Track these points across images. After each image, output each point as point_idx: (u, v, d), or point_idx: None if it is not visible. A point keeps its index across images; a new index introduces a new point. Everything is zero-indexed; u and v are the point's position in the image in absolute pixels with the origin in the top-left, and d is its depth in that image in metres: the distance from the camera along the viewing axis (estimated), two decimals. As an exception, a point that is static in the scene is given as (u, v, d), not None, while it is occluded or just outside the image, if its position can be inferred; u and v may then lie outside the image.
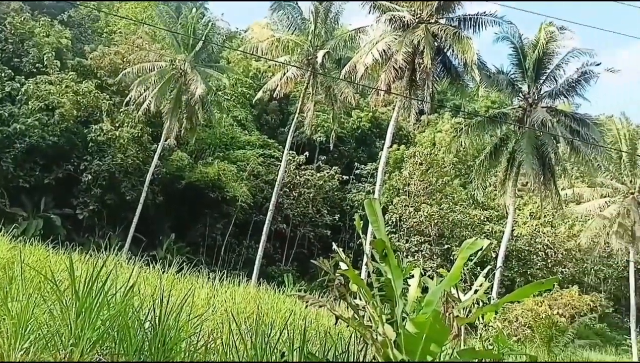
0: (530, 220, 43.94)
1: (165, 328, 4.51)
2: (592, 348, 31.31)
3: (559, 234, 42.43)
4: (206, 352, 4.71)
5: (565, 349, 24.58)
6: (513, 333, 23.35)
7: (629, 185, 34.35)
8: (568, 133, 28.69)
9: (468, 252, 4.46)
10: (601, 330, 38.04)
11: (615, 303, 42.16)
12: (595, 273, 43.26)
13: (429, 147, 47.61)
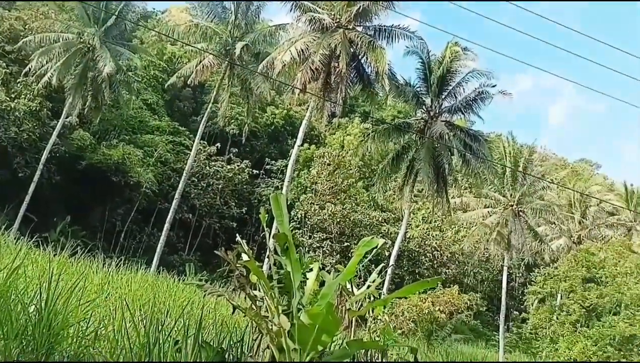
0: (422, 224, 46.25)
1: (52, 312, 4.21)
2: (466, 343, 33.53)
3: (446, 238, 45.03)
4: (96, 338, 4.46)
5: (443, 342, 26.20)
6: (399, 327, 24.42)
7: (509, 198, 37.03)
8: (462, 147, 30.42)
9: (364, 250, 4.59)
10: (475, 326, 40.79)
11: (488, 302, 45.55)
12: (474, 275, 46.44)
13: (338, 149, 48.53)
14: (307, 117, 30.18)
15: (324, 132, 55.39)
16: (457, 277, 43.78)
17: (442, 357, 13.21)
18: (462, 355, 24.71)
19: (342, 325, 4.80)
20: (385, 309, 9.44)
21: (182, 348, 4.23)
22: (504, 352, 33.58)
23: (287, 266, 4.46)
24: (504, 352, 33.67)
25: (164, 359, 4.13)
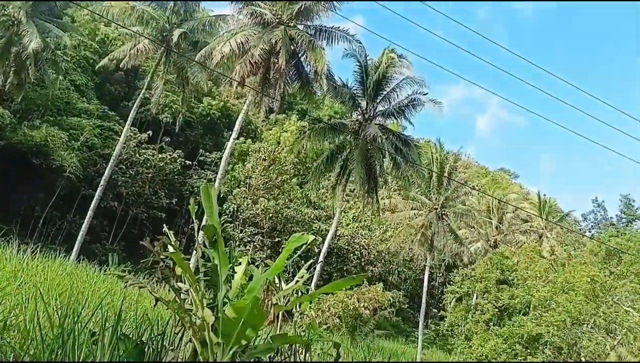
0: (352, 223, 47.01)
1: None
2: (387, 338, 34.43)
3: (374, 237, 46.04)
4: (4, 328, 4.13)
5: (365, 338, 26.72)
6: (324, 322, 24.63)
7: (434, 201, 38.37)
8: (393, 150, 31.18)
9: (294, 245, 4.54)
10: (397, 322, 42.01)
11: (410, 300, 47.04)
12: (398, 273, 47.82)
13: (274, 145, 48.31)
14: (244, 110, 29.75)
15: (261, 127, 54.98)
16: (382, 275, 44.90)
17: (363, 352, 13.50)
18: (383, 350, 25.31)
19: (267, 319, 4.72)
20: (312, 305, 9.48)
21: (99, 340, 4.01)
22: (422, 348, 34.78)
23: (214, 259, 4.33)
24: (422, 347, 34.87)
25: (79, 351, 3.89)
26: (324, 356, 7.23)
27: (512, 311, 29.81)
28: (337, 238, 42.25)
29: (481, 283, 32.94)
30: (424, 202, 39.09)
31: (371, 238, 45.64)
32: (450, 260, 45.22)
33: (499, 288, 31.46)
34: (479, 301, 33.14)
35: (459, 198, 39.94)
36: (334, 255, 42.80)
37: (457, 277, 37.94)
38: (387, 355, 16.48)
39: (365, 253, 44.55)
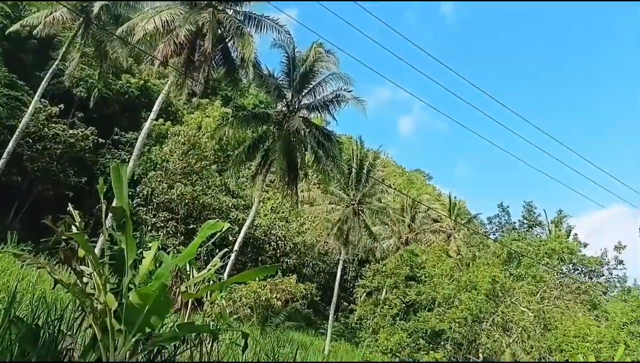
0: (270, 214, 46.95)
1: None
2: (298, 330, 34.80)
3: (291, 229, 46.30)
4: None
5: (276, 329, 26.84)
6: (235, 312, 24.47)
7: (352, 197, 39.20)
8: (315, 144, 31.46)
9: (207, 232, 4.47)
10: (308, 314, 42.57)
11: (322, 293, 47.81)
12: (312, 266, 48.42)
13: (195, 129, 47.03)
14: (165, 91, 28.67)
15: (182, 110, 53.32)
16: (297, 267, 45.28)
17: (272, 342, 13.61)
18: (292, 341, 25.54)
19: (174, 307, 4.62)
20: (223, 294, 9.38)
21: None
22: (331, 340, 35.54)
23: (121, 242, 4.17)
24: (331, 340, 35.63)
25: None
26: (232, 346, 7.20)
27: (418, 307, 31.15)
28: (254, 228, 42.03)
29: (391, 279, 34.18)
30: (342, 197, 39.81)
31: (288, 230, 45.85)
32: (364, 255, 46.48)
33: (407, 284, 32.79)
34: (388, 296, 34.38)
35: (376, 195, 41.12)
36: (250, 245, 42.55)
37: (368, 271, 39.12)
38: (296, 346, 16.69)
39: (282, 245, 44.71)
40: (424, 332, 28.11)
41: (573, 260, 37.48)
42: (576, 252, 37.68)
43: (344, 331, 42.13)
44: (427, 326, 28.01)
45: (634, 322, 27.27)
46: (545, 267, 33.90)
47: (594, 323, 29.47)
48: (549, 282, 32.05)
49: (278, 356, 5.40)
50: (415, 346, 27.61)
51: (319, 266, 48.87)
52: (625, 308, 29.13)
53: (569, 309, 32.28)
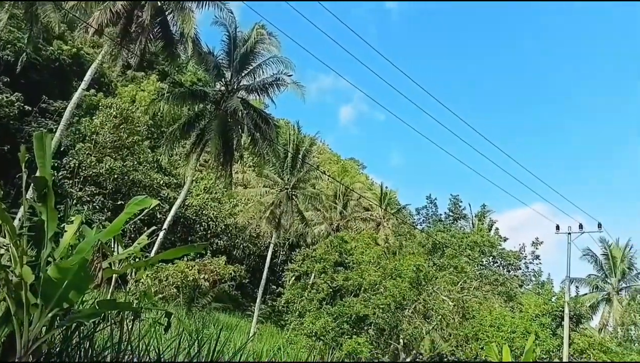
0: (202, 194, 46.11)
1: None
2: (225, 311, 34.66)
3: (223, 211, 45.73)
4: None
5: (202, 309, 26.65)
6: (161, 291, 24.03)
7: (286, 181, 39.24)
8: (253, 126, 31.18)
9: (135, 208, 4.39)
10: (236, 296, 42.42)
11: (252, 276, 47.72)
12: (243, 248, 48.08)
13: (128, 103, 45.10)
14: (99, 61, 27.32)
15: (116, 81, 50.99)
16: (227, 249, 44.86)
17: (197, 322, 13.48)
18: (218, 321, 25.48)
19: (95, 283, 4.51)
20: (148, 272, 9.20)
21: None
22: (257, 322, 35.68)
23: (42, 214, 4.01)
24: (257, 322, 35.77)
25: None
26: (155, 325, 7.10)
27: (345, 292, 31.72)
28: (185, 207, 41.20)
29: (320, 264, 34.54)
30: (276, 181, 39.77)
31: (220, 211, 45.28)
32: (295, 240, 46.76)
33: (335, 269, 33.26)
34: (316, 280, 34.78)
35: (310, 181, 41.44)
36: (180, 224, 41.68)
37: (298, 256, 39.31)
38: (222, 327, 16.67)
39: (213, 226, 44.11)
40: (348, 316, 28.75)
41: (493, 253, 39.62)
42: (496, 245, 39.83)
43: (270, 314, 42.34)
44: (352, 311, 28.67)
45: (545, 314, 29.32)
46: (467, 259, 35.63)
47: (508, 314, 31.38)
48: (469, 273, 33.68)
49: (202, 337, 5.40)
50: (340, 330, 28.21)
51: (250, 249, 48.62)
52: (538, 301, 31.18)
53: (486, 300, 34.13)
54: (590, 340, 28.04)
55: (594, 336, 30.41)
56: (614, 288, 42.26)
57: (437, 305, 29.45)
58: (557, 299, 29.99)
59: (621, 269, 42.41)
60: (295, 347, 21.18)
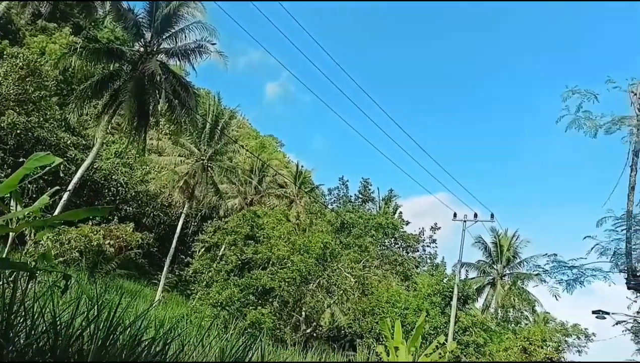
0: (113, 158, 43.85)
1: None
2: (130, 278, 33.54)
3: (134, 177, 43.84)
4: None
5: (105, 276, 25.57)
6: (62, 254, 22.73)
7: (202, 152, 38.35)
8: (171, 92, 29.96)
9: (35, 164, 4.11)
10: (142, 264, 41.14)
11: (160, 245, 46.37)
12: (153, 217, 46.53)
13: (37, 54, 41.46)
14: (4, 5, 24.87)
15: (24, 30, 46.62)
16: (136, 216, 43.16)
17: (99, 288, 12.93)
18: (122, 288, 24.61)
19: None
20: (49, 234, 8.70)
21: None
22: (163, 291, 34.96)
23: None
24: (163, 290, 35.05)
25: None
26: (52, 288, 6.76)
27: (253, 265, 31.89)
28: (93, 170, 38.99)
29: (231, 237, 34.39)
30: (192, 151, 38.76)
31: (131, 177, 43.34)
32: (207, 211, 46.01)
33: (246, 242, 33.28)
34: (226, 252, 34.60)
35: (227, 154, 40.78)
36: (87, 188, 39.42)
37: (210, 227, 38.83)
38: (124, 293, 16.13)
39: (122, 191, 42.16)
40: (255, 288, 29.00)
41: (395, 235, 41.49)
42: (399, 228, 41.72)
43: (177, 283, 41.57)
44: (259, 283, 28.93)
45: (437, 293, 31.30)
46: (371, 239, 37.04)
47: (404, 292, 33.19)
48: (372, 252, 35.11)
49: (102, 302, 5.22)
50: (245, 301, 28.41)
51: (160, 217, 47.12)
52: (431, 281, 33.20)
53: (385, 278, 35.84)
54: (473, 319, 30.39)
55: (477, 316, 32.95)
56: (498, 273, 45.92)
57: (340, 281, 30.46)
58: (448, 281, 32.08)
59: (506, 257, 46.11)
60: (200, 315, 21.03)
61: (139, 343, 5.33)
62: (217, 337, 7.81)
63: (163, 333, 6.15)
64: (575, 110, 15.78)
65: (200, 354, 6.70)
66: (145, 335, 5.71)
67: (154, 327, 7.01)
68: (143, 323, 5.93)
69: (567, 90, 15.84)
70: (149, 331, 7.00)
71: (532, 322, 39.12)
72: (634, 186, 15.08)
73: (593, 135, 15.67)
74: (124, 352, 5.13)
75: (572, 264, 16.03)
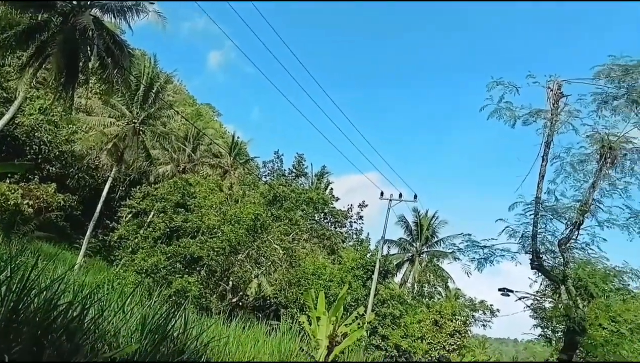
0: (37, 114, 40.91)
1: None
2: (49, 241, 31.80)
3: (59, 136, 41.24)
4: None
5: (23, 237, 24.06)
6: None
7: (134, 115, 36.66)
8: (104, 49, 28.23)
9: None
10: (63, 227, 39.13)
11: (85, 208, 44.18)
12: (78, 179, 44.17)
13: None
14: None
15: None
16: (59, 177, 40.77)
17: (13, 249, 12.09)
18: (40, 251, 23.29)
19: None
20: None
21: None
22: (85, 255, 33.52)
23: None
24: (85, 255, 33.61)
25: None
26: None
27: (182, 233, 31.20)
28: (14, 126, 36.26)
29: (160, 203, 33.38)
30: (124, 113, 36.95)
31: (56, 136, 40.70)
32: (137, 177, 44.27)
33: (176, 210, 32.43)
34: (154, 219, 33.57)
35: (161, 119, 39.22)
36: (6, 144, 36.65)
37: (138, 193, 37.41)
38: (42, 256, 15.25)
39: (45, 150, 39.56)
40: (183, 256, 28.47)
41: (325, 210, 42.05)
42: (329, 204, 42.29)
43: (101, 248, 39.91)
44: (187, 252, 28.41)
45: (360, 267, 32.18)
46: (302, 213, 37.31)
47: (329, 265, 33.86)
48: (302, 226, 35.40)
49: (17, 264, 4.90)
50: (172, 269, 27.84)
51: (86, 180, 44.77)
52: (355, 255, 34.05)
53: (313, 251, 36.36)
54: (392, 293, 31.62)
55: (395, 289, 34.29)
56: (417, 251, 47.89)
57: (269, 253, 30.56)
58: (371, 256, 33.06)
59: (425, 236, 48.13)
60: (123, 282, 20.36)
61: (55, 307, 5.07)
62: (139, 304, 7.59)
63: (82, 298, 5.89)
64: (498, 101, 16.59)
65: (121, 320, 6.49)
66: (62, 300, 5.44)
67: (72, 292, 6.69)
68: (60, 287, 5.63)
69: (492, 80, 16.58)
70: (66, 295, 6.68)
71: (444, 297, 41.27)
72: (544, 175, 16.15)
73: (512, 125, 16.57)
74: (38, 316, 4.85)
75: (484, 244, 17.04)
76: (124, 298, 7.12)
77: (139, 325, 6.39)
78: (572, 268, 16.02)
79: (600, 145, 15.47)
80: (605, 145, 15.28)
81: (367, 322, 18.37)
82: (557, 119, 15.96)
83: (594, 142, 15.77)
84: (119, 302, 6.89)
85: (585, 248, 15.73)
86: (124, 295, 7.62)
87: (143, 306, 7.32)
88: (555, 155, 16.21)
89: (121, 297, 7.34)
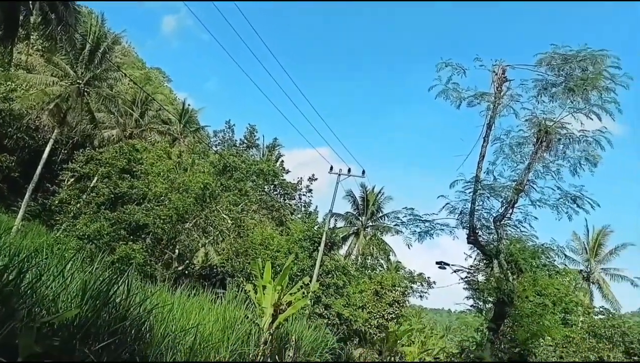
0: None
1: None
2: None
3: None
4: None
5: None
6: None
7: (79, 75, 34.80)
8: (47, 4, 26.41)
9: None
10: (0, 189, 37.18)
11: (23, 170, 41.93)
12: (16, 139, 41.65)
13: None
14: None
15: None
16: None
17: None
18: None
19: None
20: None
21: None
22: (23, 219, 32.01)
23: None
24: (23, 218, 32.09)
25: None
26: None
27: (128, 200, 30.31)
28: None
29: (105, 168, 32.17)
30: (67, 72, 34.98)
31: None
32: (80, 140, 42.31)
33: (121, 176, 31.37)
34: (98, 184, 32.36)
35: (108, 81, 37.41)
36: None
37: (81, 156, 35.81)
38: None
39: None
40: (127, 223, 27.72)
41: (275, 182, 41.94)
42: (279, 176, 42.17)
43: (40, 212, 38.16)
44: (132, 218, 27.68)
45: (307, 239, 32.49)
46: (252, 184, 37.05)
47: (277, 236, 33.96)
48: (251, 197, 35.20)
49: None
50: (115, 236, 27.09)
51: (25, 141, 42.32)
52: (303, 227, 34.30)
53: (261, 222, 36.31)
54: (336, 264, 32.21)
55: (340, 261, 34.95)
56: (362, 225, 48.85)
57: (217, 222, 30.27)
58: (318, 228, 33.42)
59: (371, 210, 49.08)
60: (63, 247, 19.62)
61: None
62: (80, 269, 7.34)
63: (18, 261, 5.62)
64: (446, 82, 16.97)
65: (61, 285, 6.26)
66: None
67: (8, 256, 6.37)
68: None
69: (441, 61, 16.90)
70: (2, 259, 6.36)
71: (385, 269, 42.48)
72: (484, 155, 16.79)
73: (457, 106, 17.04)
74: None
75: (425, 219, 17.64)
76: (64, 263, 6.86)
77: (80, 291, 6.20)
78: (505, 244, 16.88)
79: (538, 129, 16.20)
80: (542, 130, 16.01)
81: (311, 291, 18.69)
82: (499, 102, 16.52)
83: (532, 126, 16.49)
84: (59, 267, 6.63)
85: (518, 225, 16.59)
86: (64, 260, 7.33)
87: (84, 272, 7.09)
88: (496, 137, 16.85)
89: (61, 262, 7.06)
